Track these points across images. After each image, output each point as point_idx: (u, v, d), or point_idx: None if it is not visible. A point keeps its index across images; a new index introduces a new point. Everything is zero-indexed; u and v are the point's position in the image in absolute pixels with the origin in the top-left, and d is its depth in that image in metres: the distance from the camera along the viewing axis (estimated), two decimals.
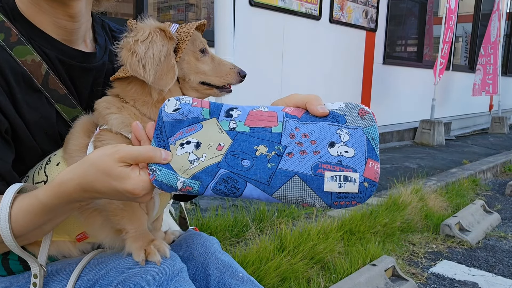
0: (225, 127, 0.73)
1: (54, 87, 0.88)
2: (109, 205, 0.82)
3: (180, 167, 0.70)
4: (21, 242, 0.76)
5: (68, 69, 0.92)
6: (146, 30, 0.83)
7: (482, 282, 2.46)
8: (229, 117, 0.74)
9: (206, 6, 5.31)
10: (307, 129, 0.72)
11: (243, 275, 0.96)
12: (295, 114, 0.74)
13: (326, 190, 0.67)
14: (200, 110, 0.74)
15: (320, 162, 0.68)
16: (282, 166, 0.69)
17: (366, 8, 6.53)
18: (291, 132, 0.71)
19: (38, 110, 0.85)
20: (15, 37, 0.84)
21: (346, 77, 6.46)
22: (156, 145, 0.72)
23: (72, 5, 0.88)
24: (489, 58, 8.63)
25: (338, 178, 0.67)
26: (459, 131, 8.69)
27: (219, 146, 0.71)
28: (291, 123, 0.73)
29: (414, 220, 3.14)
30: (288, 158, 0.69)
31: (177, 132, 0.72)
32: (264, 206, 2.80)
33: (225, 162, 0.69)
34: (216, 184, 0.69)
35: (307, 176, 0.68)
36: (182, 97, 0.76)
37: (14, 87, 0.82)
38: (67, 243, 0.89)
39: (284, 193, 0.68)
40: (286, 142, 0.70)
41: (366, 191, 0.68)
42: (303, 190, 0.68)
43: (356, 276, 2.12)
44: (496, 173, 5.26)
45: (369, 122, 0.74)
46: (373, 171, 0.69)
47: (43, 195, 0.74)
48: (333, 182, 0.67)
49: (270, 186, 0.68)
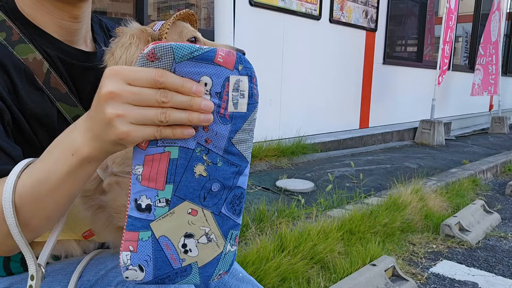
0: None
1: (56, 86, 0.88)
2: (113, 202, 0.82)
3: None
4: (26, 233, 0.71)
5: (69, 68, 0.92)
6: (128, 34, 0.83)
7: (482, 282, 2.46)
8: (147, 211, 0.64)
9: (206, 6, 5.31)
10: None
11: (243, 275, 0.96)
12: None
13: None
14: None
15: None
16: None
17: (366, 8, 6.53)
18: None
19: (40, 108, 0.85)
20: (17, 36, 0.84)
21: (346, 77, 6.46)
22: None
23: (79, 6, 0.89)
24: (491, 58, 8.63)
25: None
26: (459, 131, 8.69)
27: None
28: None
29: (414, 220, 3.14)
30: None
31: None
32: (264, 206, 2.80)
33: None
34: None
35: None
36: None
37: (17, 83, 0.82)
38: (72, 241, 0.89)
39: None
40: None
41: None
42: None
43: (356, 276, 2.12)
44: (496, 173, 5.26)
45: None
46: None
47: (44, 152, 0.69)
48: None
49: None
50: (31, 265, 0.72)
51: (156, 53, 0.57)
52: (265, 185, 3.77)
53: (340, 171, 4.54)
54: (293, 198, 3.26)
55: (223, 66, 0.59)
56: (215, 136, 0.61)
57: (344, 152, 5.68)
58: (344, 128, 6.50)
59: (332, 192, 3.45)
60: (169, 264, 0.64)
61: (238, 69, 0.60)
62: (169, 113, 0.57)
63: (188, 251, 0.65)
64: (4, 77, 0.79)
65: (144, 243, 0.63)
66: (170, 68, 0.57)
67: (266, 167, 4.48)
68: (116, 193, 0.79)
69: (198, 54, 0.57)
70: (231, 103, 0.61)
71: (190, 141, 0.60)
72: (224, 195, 0.65)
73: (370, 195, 3.52)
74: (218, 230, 0.66)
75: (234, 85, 0.60)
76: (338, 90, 6.34)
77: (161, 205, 0.62)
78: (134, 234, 0.63)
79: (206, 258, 0.66)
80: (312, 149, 5.20)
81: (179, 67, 0.57)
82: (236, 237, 0.68)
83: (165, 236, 0.63)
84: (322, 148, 5.47)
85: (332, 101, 6.25)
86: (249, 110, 0.62)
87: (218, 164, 0.63)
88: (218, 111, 0.60)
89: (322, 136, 5.83)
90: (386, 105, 7.33)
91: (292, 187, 3.71)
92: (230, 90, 0.60)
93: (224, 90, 0.60)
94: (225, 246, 0.67)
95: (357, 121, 6.84)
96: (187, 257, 0.65)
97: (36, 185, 0.66)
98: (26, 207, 0.67)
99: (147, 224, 0.62)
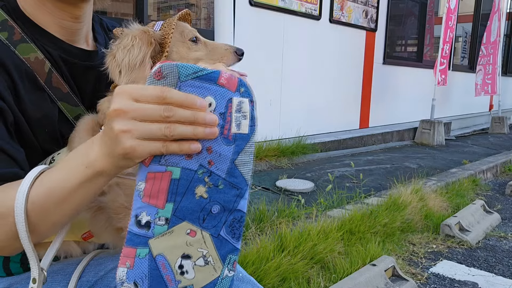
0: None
1: (57, 86, 0.88)
2: (112, 203, 0.82)
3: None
4: (32, 238, 0.71)
5: (71, 67, 0.92)
6: (129, 36, 0.83)
7: (482, 282, 2.46)
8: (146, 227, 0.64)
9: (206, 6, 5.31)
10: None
11: (242, 275, 0.96)
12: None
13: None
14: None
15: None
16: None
17: (366, 8, 6.53)
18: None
19: (40, 108, 0.85)
20: (19, 35, 0.84)
21: (346, 77, 6.46)
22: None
23: (81, 7, 0.89)
24: (489, 58, 8.64)
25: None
26: (459, 131, 8.69)
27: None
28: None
29: (414, 220, 3.14)
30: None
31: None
32: (264, 206, 2.80)
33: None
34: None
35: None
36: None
37: (18, 84, 0.82)
38: (71, 242, 0.89)
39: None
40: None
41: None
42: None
43: (356, 276, 2.12)
44: (496, 173, 5.26)
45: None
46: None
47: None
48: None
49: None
50: (34, 268, 0.73)
51: (162, 71, 0.59)
52: (265, 185, 3.77)
53: (340, 171, 4.54)
54: (293, 198, 3.26)
55: (226, 87, 0.60)
56: (219, 158, 0.62)
57: (344, 152, 5.68)
58: (344, 128, 6.50)
59: (332, 192, 3.45)
60: (165, 285, 0.63)
61: (240, 91, 0.62)
62: (174, 127, 0.59)
63: (185, 272, 0.64)
64: (5, 77, 0.79)
65: (141, 260, 0.63)
66: (175, 86, 0.59)
67: (266, 167, 4.48)
68: (116, 194, 0.79)
69: (202, 74, 0.59)
70: (234, 124, 0.61)
71: (192, 162, 0.61)
72: (223, 218, 0.64)
73: (370, 195, 3.52)
74: (216, 253, 0.65)
75: (236, 106, 0.61)
76: (338, 90, 6.34)
77: (161, 223, 0.62)
78: (132, 250, 0.63)
79: (202, 281, 0.65)
80: (312, 149, 5.19)
81: (184, 85, 0.59)
82: (235, 262, 0.67)
83: (163, 255, 0.63)
84: (322, 148, 5.47)
85: (332, 101, 6.25)
86: (250, 132, 0.63)
87: (220, 186, 0.63)
88: (222, 132, 0.61)
89: (322, 136, 5.83)
90: (386, 105, 7.33)
91: (292, 187, 3.71)
92: (233, 111, 0.61)
93: (228, 111, 0.61)
94: (223, 270, 0.66)
95: (357, 121, 6.84)
96: (183, 279, 0.64)
97: (48, 193, 0.67)
98: (35, 214, 0.67)
99: (146, 241, 0.62)
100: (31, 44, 0.85)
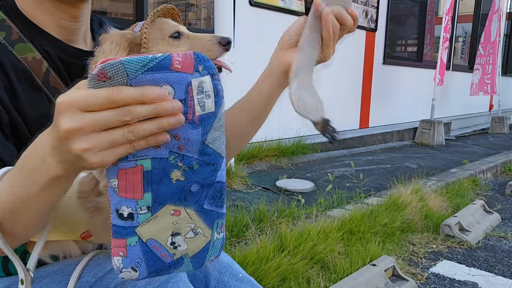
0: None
1: (55, 85, 0.89)
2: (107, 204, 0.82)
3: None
4: (10, 242, 0.71)
5: (69, 67, 0.92)
6: (108, 41, 0.82)
7: (482, 282, 2.45)
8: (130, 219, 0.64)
9: (206, 6, 5.31)
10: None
11: (242, 276, 0.96)
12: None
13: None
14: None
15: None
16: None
17: (366, 8, 6.53)
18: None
19: (38, 108, 0.85)
20: (16, 35, 0.84)
21: (346, 77, 6.45)
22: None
23: (79, 7, 0.90)
24: (489, 58, 8.64)
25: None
26: (459, 131, 8.69)
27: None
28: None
29: (414, 220, 3.14)
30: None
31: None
32: (264, 206, 2.80)
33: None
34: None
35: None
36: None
37: (15, 83, 0.82)
38: (71, 242, 0.89)
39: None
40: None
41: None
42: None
43: (356, 276, 2.12)
44: (496, 173, 5.26)
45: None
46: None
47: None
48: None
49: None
50: (20, 270, 0.73)
51: (107, 72, 0.53)
52: (265, 185, 3.77)
53: (340, 171, 4.54)
54: (293, 198, 3.26)
55: (182, 71, 0.56)
56: (188, 142, 0.60)
57: (344, 152, 5.67)
58: (344, 128, 6.49)
59: (332, 192, 3.45)
60: (161, 261, 0.66)
61: (199, 70, 0.57)
62: (137, 129, 0.54)
63: (178, 246, 0.66)
64: (1, 76, 0.80)
65: (132, 248, 0.63)
66: (126, 85, 0.54)
67: (266, 167, 4.48)
68: None
69: (153, 64, 0.54)
70: (198, 107, 0.58)
71: (162, 151, 0.59)
72: (204, 193, 0.65)
73: (370, 195, 3.51)
74: (204, 224, 0.66)
75: (197, 88, 0.57)
76: (338, 90, 6.34)
77: (143, 212, 0.62)
78: (121, 241, 0.63)
79: (195, 248, 0.68)
80: (312, 149, 5.19)
81: (135, 82, 0.53)
82: (222, 225, 0.69)
83: (153, 239, 0.64)
84: (322, 148, 5.46)
85: (332, 101, 6.25)
86: (216, 107, 0.60)
87: (195, 167, 0.62)
88: (186, 117, 0.58)
89: (322, 136, 5.82)
90: (386, 105, 7.33)
91: (292, 187, 3.71)
92: (195, 94, 0.57)
93: (189, 96, 0.57)
94: (213, 235, 0.68)
95: (357, 121, 6.83)
96: (177, 252, 0.66)
97: (11, 199, 0.64)
98: (4, 218, 0.66)
99: (133, 230, 0.62)
100: (29, 44, 0.85)
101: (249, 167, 4.24)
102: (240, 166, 3.89)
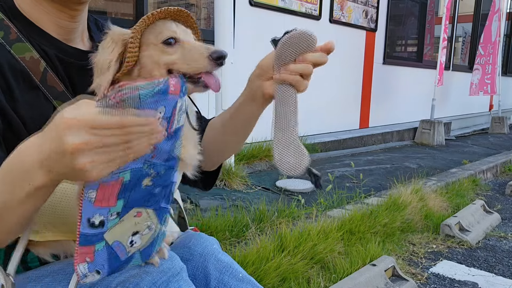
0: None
1: (52, 84, 0.89)
2: None
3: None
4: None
5: (67, 67, 0.92)
6: (108, 38, 0.82)
7: (482, 282, 2.46)
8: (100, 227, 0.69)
9: (206, 6, 5.31)
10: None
11: (242, 276, 0.96)
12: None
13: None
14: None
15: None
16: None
17: (366, 8, 6.53)
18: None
19: (35, 107, 0.86)
20: (14, 34, 0.85)
21: (346, 77, 6.46)
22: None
23: (78, 8, 0.91)
24: (489, 58, 8.64)
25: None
26: (459, 131, 8.69)
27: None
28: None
29: (414, 220, 3.14)
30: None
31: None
32: (264, 206, 2.80)
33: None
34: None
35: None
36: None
37: (13, 84, 0.82)
38: (71, 242, 0.89)
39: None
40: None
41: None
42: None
43: (356, 276, 2.12)
44: (496, 173, 5.26)
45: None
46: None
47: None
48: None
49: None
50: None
51: (123, 94, 0.59)
52: (265, 185, 3.77)
53: (340, 171, 4.54)
54: (293, 198, 3.26)
55: (174, 94, 0.63)
56: (160, 152, 0.66)
57: (344, 152, 5.67)
58: (344, 128, 6.49)
59: (332, 192, 3.45)
60: (119, 259, 0.73)
61: (183, 91, 0.65)
62: (133, 146, 0.60)
63: (134, 243, 0.73)
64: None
65: (99, 252, 0.69)
66: (135, 107, 0.60)
67: (266, 167, 4.48)
68: None
69: (157, 90, 0.61)
70: (176, 122, 0.66)
71: (139, 162, 0.64)
72: (163, 193, 0.72)
73: (370, 195, 3.52)
74: (157, 219, 0.74)
75: (179, 108, 0.65)
76: (338, 90, 6.34)
77: (113, 218, 0.67)
78: (90, 248, 0.68)
79: (146, 243, 0.75)
80: (312, 149, 5.19)
81: (143, 105, 0.60)
82: (166, 218, 0.77)
83: (117, 240, 0.70)
84: (322, 148, 5.46)
85: (332, 101, 6.25)
86: (183, 120, 0.68)
87: (162, 172, 0.68)
88: (167, 131, 0.65)
89: (322, 136, 5.83)
90: (386, 105, 7.33)
91: (292, 187, 3.71)
92: (177, 112, 0.65)
93: (173, 114, 0.64)
94: (160, 228, 0.76)
95: (357, 121, 6.84)
96: (132, 249, 0.73)
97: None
98: None
99: (102, 236, 0.68)
100: (27, 44, 0.86)
101: (249, 167, 4.24)
102: (240, 166, 3.89)
